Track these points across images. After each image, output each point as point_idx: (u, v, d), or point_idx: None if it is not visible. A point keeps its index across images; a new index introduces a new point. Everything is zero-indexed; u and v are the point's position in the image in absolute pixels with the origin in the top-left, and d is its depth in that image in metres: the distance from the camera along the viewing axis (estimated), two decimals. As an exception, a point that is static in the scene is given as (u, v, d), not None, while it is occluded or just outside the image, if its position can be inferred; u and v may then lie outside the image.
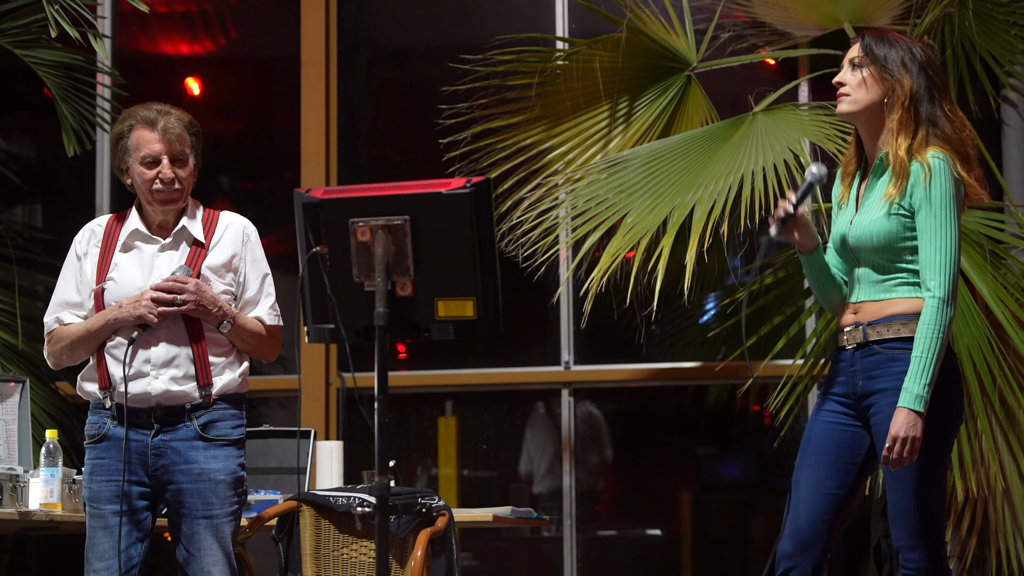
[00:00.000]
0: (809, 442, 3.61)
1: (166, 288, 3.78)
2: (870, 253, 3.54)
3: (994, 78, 5.60)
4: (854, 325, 3.56)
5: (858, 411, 3.57)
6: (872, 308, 3.54)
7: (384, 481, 3.12)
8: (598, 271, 5.15)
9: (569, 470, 6.29)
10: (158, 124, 3.84)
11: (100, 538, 3.81)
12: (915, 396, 3.40)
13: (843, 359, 3.58)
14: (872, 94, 3.55)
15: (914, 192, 3.47)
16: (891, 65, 3.53)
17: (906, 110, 3.50)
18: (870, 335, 3.52)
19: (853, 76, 3.57)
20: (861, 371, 3.53)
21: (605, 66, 5.47)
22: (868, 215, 3.54)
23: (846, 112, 3.58)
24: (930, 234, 3.45)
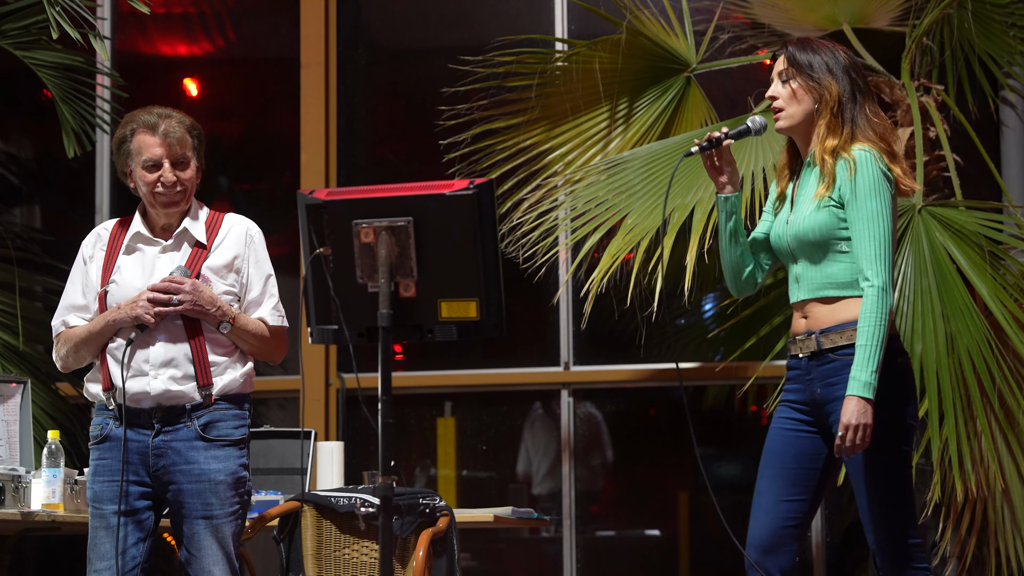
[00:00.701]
0: (770, 451, 3.65)
1: (162, 288, 3.79)
2: (810, 249, 3.57)
3: (993, 79, 5.61)
4: (806, 333, 3.59)
5: (817, 418, 3.61)
6: (820, 311, 3.58)
7: (388, 482, 3.12)
8: (598, 272, 5.16)
9: (568, 471, 6.30)
10: (159, 128, 3.85)
11: (102, 538, 3.82)
12: (863, 384, 3.44)
13: (798, 367, 3.62)
14: (804, 105, 3.61)
15: (842, 184, 3.53)
16: (817, 72, 3.60)
17: (833, 114, 3.58)
18: (824, 343, 3.56)
19: (784, 90, 3.63)
20: (818, 379, 3.57)
21: (605, 67, 5.48)
22: (803, 212, 3.59)
23: (784, 128, 3.64)
24: (861, 224, 3.51)
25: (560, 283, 6.12)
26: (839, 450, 3.47)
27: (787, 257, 3.66)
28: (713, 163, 3.67)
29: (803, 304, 3.61)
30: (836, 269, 3.56)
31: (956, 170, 5.28)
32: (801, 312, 3.62)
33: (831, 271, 3.57)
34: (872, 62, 5.46)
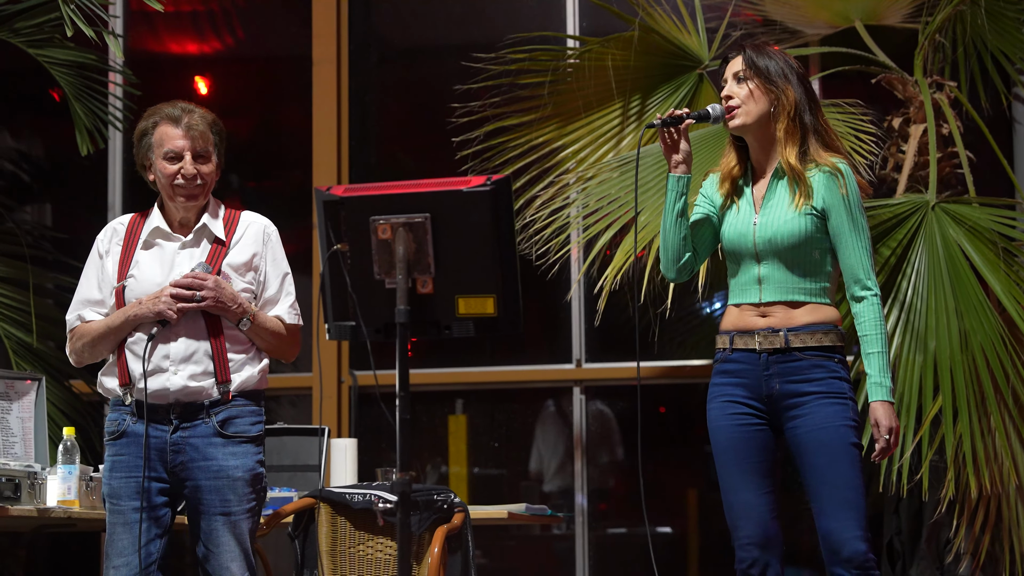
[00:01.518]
0: (732, 449, 3.66)
1: (185, 284, 3.79)
2: (783, 253, 3.62)
3: (1005, 76, 5.61)
4: (770, 329, 3.63)
5: (771, 411, 3.65)
6: (783, 313, 3.63)
7: (406, 478, 3.12)
8: (611, 269, 5.16)
9: (581, 468, 6.30)
10: (182, 121, 3.86)
11: (120, 534, 3.82)
12: (888, 389, 3.58)
13: (747, 361, 3.65)
14: (761, 105, 3.65)
15: (825, 195, 3.61)
16: (774, 77, 3.64)
17: (791, 120, 3.63)
18: (792, 342, 3.61)
19: (740, 89, 3.66)
20: (778, 375, 3.62)
21: (617, 64, 5.48)
22: (777, 216, 3.63)
23: (739, 125, 3.67)
24: (854, 237, 3.61)
25: (572, 280, 6.12)
26: (883, 453, 3.58)
27: (747, 257, 3.67)
28: (671, 140, 3.69)
29: (765, 305, 3.65)
30: (807, 275, 3.63)
31: (969, 167, 5.27)
32: (758, 311, 3.65)
33: (802, 277, 3.63)
34: (884, 59, 5.46)
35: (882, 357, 3.58)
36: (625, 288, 5.28)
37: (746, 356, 3.65)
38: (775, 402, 3.64)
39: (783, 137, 3.62)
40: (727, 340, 3.69)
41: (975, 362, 4.88)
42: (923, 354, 4.92)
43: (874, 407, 3.59)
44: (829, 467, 3.56)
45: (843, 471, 3.56)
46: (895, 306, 5.03)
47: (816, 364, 3.60)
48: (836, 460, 3.56)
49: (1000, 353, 4.89)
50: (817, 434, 3.58)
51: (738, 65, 3.68)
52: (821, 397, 3.59)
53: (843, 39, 5.66)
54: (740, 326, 3.67)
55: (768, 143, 3.68)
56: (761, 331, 3.63)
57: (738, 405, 3.66)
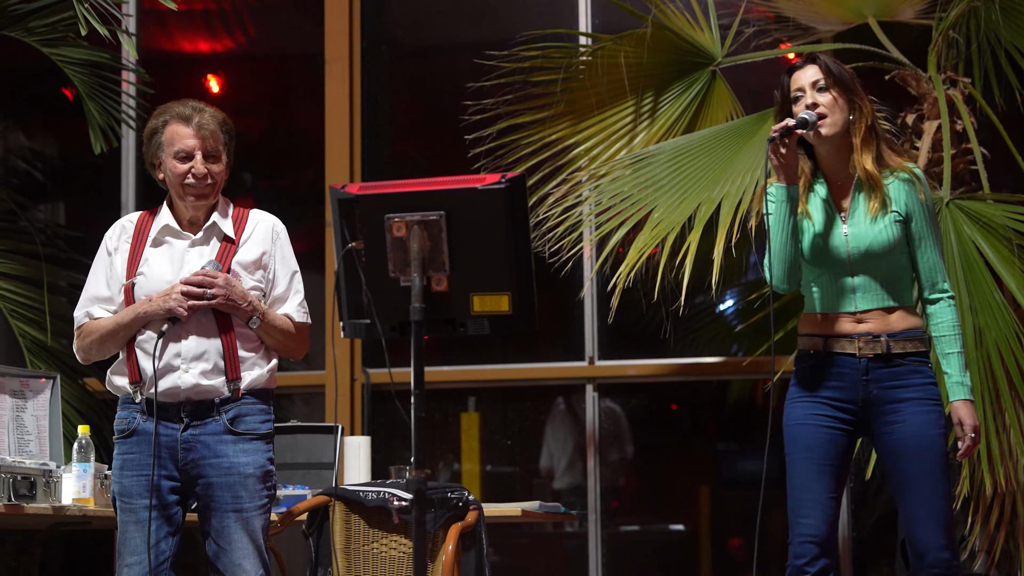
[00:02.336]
0: (812, 447, 3.70)
1: (196, 282, 3.79)
2: (878, 261, 3.69)
3: (1019, 71, 5.58)
4: (871, 336, 3.68)
5: (862, 417, 3.70)
6: (880, 320, 3.69)
7: (421, 475, 3.12)
8: (625, 267, 5.15)
9: (593, 466, 6.30)
10: (193, 120, 3.87)
11: (131, 532, 3.82)
12: (968, 388, 3.67)
13: (846, 365, 3.70)
14: (844, 114, 3.72)
15: (907, 200, 3.70)
16: (852, 85, 3.73)
17: (869, 128, 3.72)
18: (893, 348, 3.68)
19: (824, 97, 3.71)
20: (877, 380, 3.68)
21: (630, 62, 5.47)
22: (868, 226, 3.70)
23: (829, 134, 3.72)
24: (931, 240, 3.72)
25: (585, 278, 6.12)
26: (966, 452, 3.67)
27: (840, 267, 3.73)
28: (784, 151, 3.70)
29: (862, 312, 3.70)
30: (896, 280, 3.72)
31: (983, 163, 5.26)
32: (854, 318, 3.71)
33: (893, 282, 3.71)
34: (898, 55, 5.45)
35: (960, 357, 3.68)
36: (638, 285, 5.28)
37: (844, 360, 3.71)
38: (870, 407, 3.70)
39: (860, 145, 3.71)
40: (819, 343, 3.73)
41: (989, 359, 4.87)
42: (937, 351, 4.91)
43: (957, 406, 3.67)
44: (921, 475, 3.64)
45: (935, 480, 3.64)
46: (909, 303, 5.02)
47: (914, 370, 3.69)
48: (930, 469, 3.65)
49: (1015, 349, 4.88)
50: (913, 442, 3.65)
51: (815, 75, 3.72)
52: (918, 403, 3.67)
53: (856, 35, 5.64)
54: (835, 331, 3.72)
55: (844, 151, 3.75)
56: (861, 336, 3.69)
57: (825, 407, 3.72)
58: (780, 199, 3.71)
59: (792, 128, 3.66)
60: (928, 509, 3.62)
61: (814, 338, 3.74)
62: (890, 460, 3.69)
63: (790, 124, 3.66)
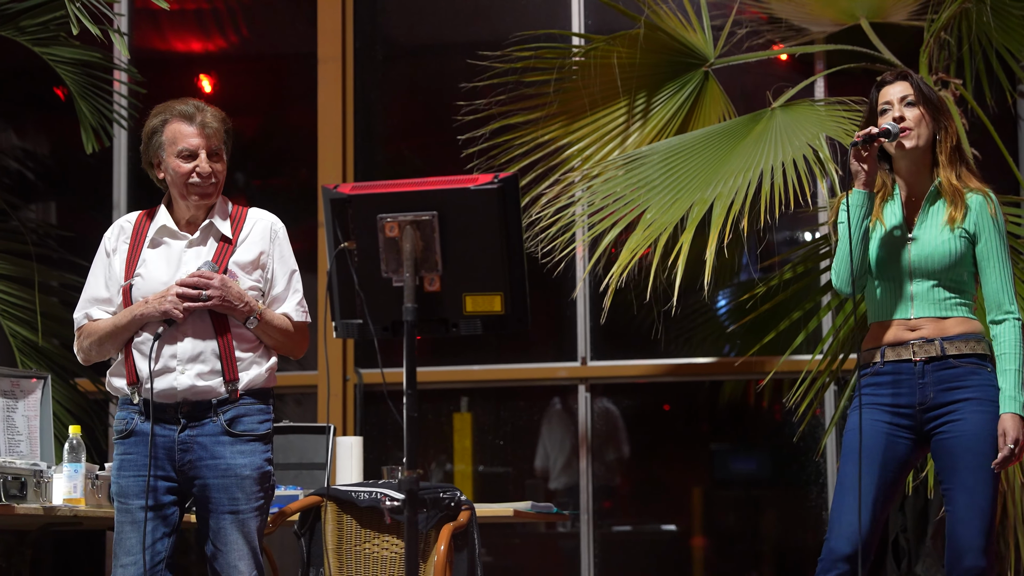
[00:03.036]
0: (865, 448, 3.74)
1: (191, 283, 3.78)
2: (937, 271, 3.78)
3: (1011, 73, 5.60)
4: (923, 340, 3.77)
5: (919, 422, 3.77)
6: (934, 326, 3.78)
7: (413, 475, 3.12)
8: (617, 267, 5.16)
9: (586, 466, 6.30)
10: (196, 119, 3.85)
11: (128, 533, 3.82)
12: (1021, 404, 3.72)
13: (904, 371, 3.77)
14: (929, 131, 3.84)
15: (977, 219, 3.80)
16: (939, 105, 3.86)
17: (954, 148, 3.85)
18: (948, 350, 3.76)
19: (911, 112, 3.83)
20: (934, 383, 3.76)
21: (623, 62, 5.48)
22: (933, 236, 3.80)
23: (911, 147, 3.82)
24: (999, 261, 3.81)
25: (578, 279, 6.12)
26: (1003, 463, 3.70)
27: (900, 275, 3.81)
28: (865, 156, 3.80)
29: (916, 319, 3.78)
30: (953, 292, 3.79)
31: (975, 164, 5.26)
32: (907, 325, 3.79)
33: (950, 294, 3.79)
34: (890, 56, 5.46)
35: (1017, 375, 3.73)
36: (631, 286, 5.28)
37: (900, 367, 3.78)
38: (928, 410, 3.76)
39: (946, 162, 3.83)
40: (878, 354, 3.80)
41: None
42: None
43: (1005, 418, 3.71)
44: (972, 473, 3.70)
45: (983, 479, 3.69)
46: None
47: (972, 371, 3.76)
48: (979, 467, 3.70)
49: (1006, 351, 4.88)
50: (968, 441, 3.72)
51: (905, 91, 3.83)
52: (976, 403, 3.74)
53: (848, 37, 5.66)
54: (890, 340, 3.80)
55: (923, 167, 3.85)
56: (915, 341, 3.77)
57: (885, 413, 3.78)
58: (856, 204, 3.81)
59: (875, 136, 3.76)
60: (974, 507, 3.67)
61: (869, 352, 3.83)
62: (945, 459, 3.74)
63: (873, 131, 3.76)
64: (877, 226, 3.84)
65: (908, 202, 3.87)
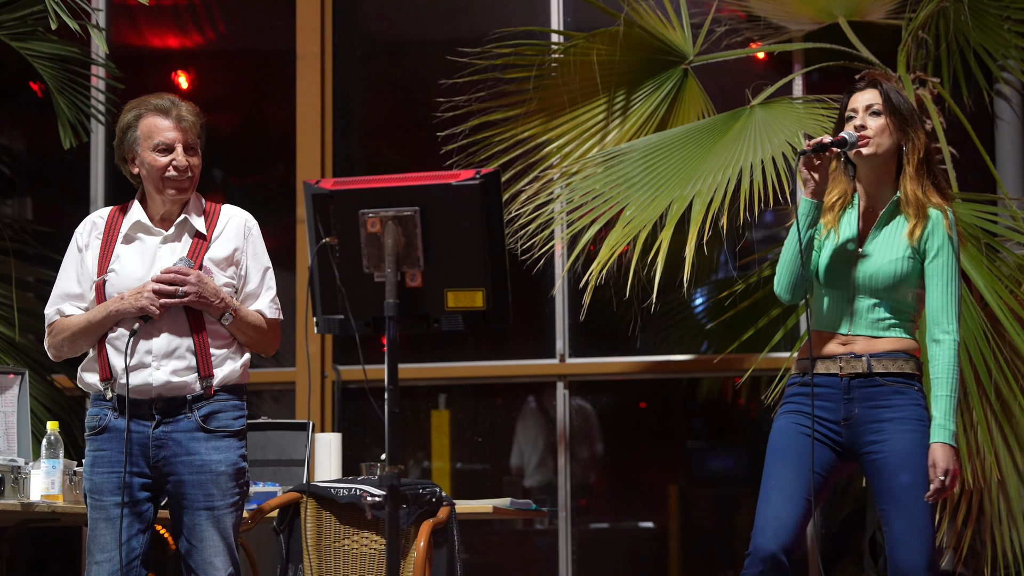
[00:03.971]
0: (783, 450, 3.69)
1: (168, 280, 3.76)
2: (882, 290, 3.70)
3: (988, 72, 5.63)
4: (852, 355, 3.69)
5: (845, 438, 3.69)
6: (866, 343, 3.70)
7: (395, 471, 3.12)
8: (596, 264, 5.16)
9: (564, 463, 6.31)
10: (172, 113, 3.84)
11: (102, 530, 3.80)
12: (951, 433, 3.62)
13: (831, 385, 3.70)
14: (892, 140, 3.72)
15: (930, 238, 3.69)
16: (908, 116, 3.74)
17: (921, 160, 3.73)
18: (875, 367, 3.67)
19: (874, 121, 3.72)
20: (860, 399, 3.68)
21: (602, 59, 5.48)
22: (885, 254, 3.70)
23: (869, 154, 3.72)
24: (945, 280, 3.68)
25: (557, 276, 6.12)
26: (937, 493, 3.61)
27: (843, 287, 3.73)
28: (816, 165, 3.69)
29: (853, 336, 3.71)
30: (892, 314, 3.70)
31: (952, 163, 5.30)
32: (842, 340, 3.72)
33: (890, 314, 3.70)
34: (868, 55, 5.48)
35: (950, 401, 3.63)
36: (610, 283, 5.29)
37: (827, 380, 3.71)
38: (854, 426, 3.69)
39: (912, 173, 3.71)
40: (806, 365, 3.73)
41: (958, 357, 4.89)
42: (907, 349, 4.94)
43: (935, 448, 3.62)
44: (904, 492, 3.63)
45: (919, 498, 3.61)
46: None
47: (897, 391, 3.67)
48: (911, 487, 3.62)
49: (983, 348, 4.91)
50: (899, 460, 3.64)
51: (872, 99, 3.73)
52: (900, 423, 3.66)
53: (827, 35, 5.67)
54: (823, 352, 3.73)
55: (885, 178, 3.75)
56: (843, 356, 3.70)
57: (808, 419, 3.68)
58: (804, 212, 3.72)
59: (827, 145, 3.67)
60: (912, 528, 3.61)
61: (803, 362, 3.76)
62: (877, 481, 3.68)
63: (825, 141, 3.67)
64: (831, 234, 3.74)
65: (866, 212, 3.77)
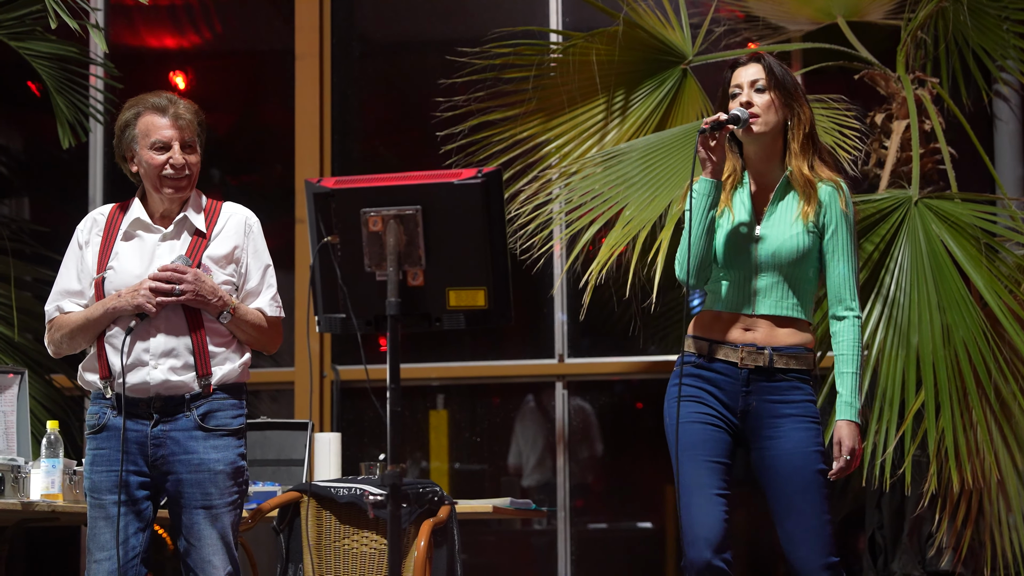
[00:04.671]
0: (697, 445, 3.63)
1: (164, 278, 3.75)
2: (785, 266, 3.64)
3: (986, 72, 5.64)
4: (753, 346, 3.63)
5: (740, 426, 3.65)
6: (774, 330, 3.64)
7: (396, 470, 3.12)
8: (596, 264, 5.16)
9: (563, 463, 6.31)
10: (169, 111, 3.84)
11: (101, 528, 3.79)
12: (856, 410, 3.61)
13: (728, 373, 3.65)
14: (778, 116, 3.66)
15: (827, 212, 3.64)
16: (793, 90, 3.67)
17: (807, 136, 3.67)
18: (776, 362, 3.63)
19: (759, 97, 3.65)
20: (757, 392, 3.63)
21: (602, 59, 5.48)
22: (781, 232, 3.64)
23: (759, 132, 3.66)
24: (845, 254, 3.65)
25: (556, 276, 6.12)
26: (841, 472, 3.58)
27: (744, 268, 3.66)
28: (712, 145, 3.63)
29: (753, 318, 3.65)
30: (797, 291, 3.65)
31: (951, 163, 5.30)
32: (745, 324, 3.66)
33: (793, 292, 3.65)
34: (867, 55, 5.49)
35: (855, 378, 3.61)
36: (609, 283, 5.29)
37: (726, 368, 3.65)
38: (749, 419, 3.64)
39: (798, 150, 3.65)
40: (705, 347, 3.67)
41: (957, 357, 4.90)
42: (906, 349, 4.95)
43: (840, 425, 3.60)
44: (798, 494, 3.59)
45: (811, 499, 3.58)
46: (878, 301, 5.05)
47: (795, 386, 3.63)
48: (805, 488, 3.59)
49: (982, 348, 4.92)
50: (789, 459, 3.60)
51: (756, 74, 3.66)
52: (796, 420, 3.62)
53: (825, 35, 5.68)
54: (722, 336, 3.66)
55: (773, 155, 3.69)
56: (745, 346, 3.64)
57: (708, 408, 3.65)
58: (702, 193, 3.64)
59: (723, 123, 3.59)
60: (805, 528, 3.57)
61: (700, 341, 3.68)
62: (767, 476, 3.64)
63: (722, 118, 3.59)
64: (726, 214, 3.67)
65: (758, 191, 3.70)
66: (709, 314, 3.70)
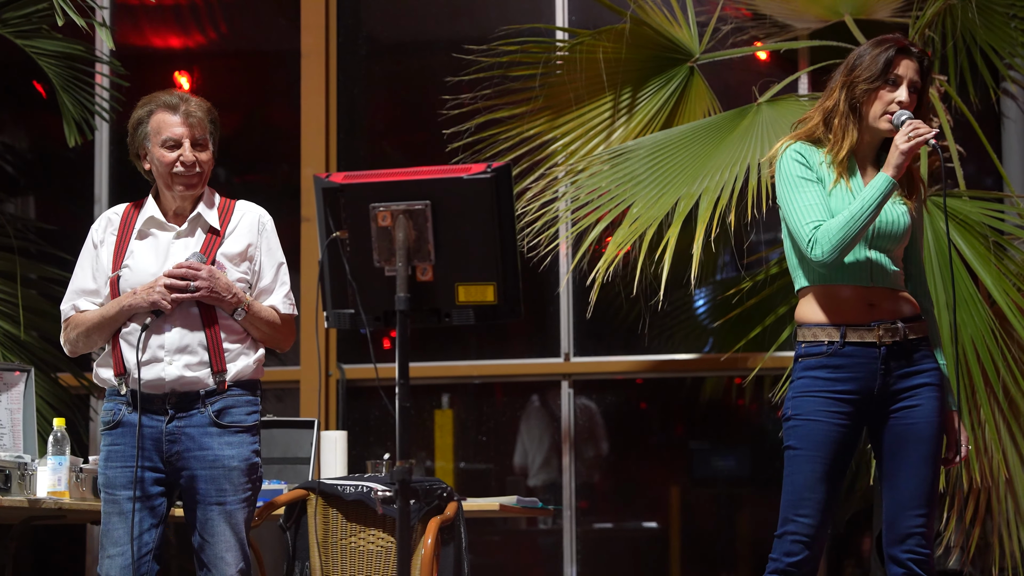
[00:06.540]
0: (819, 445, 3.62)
1: (179, 275, 3.78)
2: (893, 241, 3.68)
3: (994, 70, 5.63)
4: (887, 324, 3.61)
5: (875, 406, 3.63)
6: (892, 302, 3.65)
7: (405, 465, 3.11)
8: (603, 262, 5.16)
9: (569, 462, 6.30)
10: (180, 108, 3.87)
11: (115, 524, 3.81)
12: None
13: (861, 356, 3.61)
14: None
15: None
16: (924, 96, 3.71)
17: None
18: (909, 334, 3.65)
19: (911, 101, 3.66)
20: (896, 368, 3.62)
21: (608, 57, 5.48)
22: (893, 208, 3.69)
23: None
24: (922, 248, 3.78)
25: (562, 274, 6.11)
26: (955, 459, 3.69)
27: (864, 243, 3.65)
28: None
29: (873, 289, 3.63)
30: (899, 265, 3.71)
31: (959, 161, 5.29)
32: (866, 298, 3.63)
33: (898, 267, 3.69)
34: (875, 53, 5.47)
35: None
36: (616, 281, 5.28)
37: (860, 351, 3.61)
38: (884, 396, 3.63)
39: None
40: (836, 333, 3.61)
41: (966, 355, 4.90)
42: (914, 347, 4.93)
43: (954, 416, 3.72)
44: (926, 462, 3.62)
45: (934, 468, 3.62)
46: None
47: (926, 355, 3.67)
48: (934, 455, 3.63)
49: (991, 346, 4.91)
50: (924, 428, 3.62)
51: (915, 76, 3.65)
52: (931, 389, 3.65)
53: (833, 33, 5.67)
54: (850, 319, 3.62)
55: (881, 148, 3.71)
56: (878, 323, 3.61)
57: (841, 404, 3.61)
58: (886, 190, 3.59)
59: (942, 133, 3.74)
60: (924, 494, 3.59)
61: (827, 327, 3.62)
62: (895, 444, 3.62)
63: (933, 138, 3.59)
64: (841, 186, 3.64)
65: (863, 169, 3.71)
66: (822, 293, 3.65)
